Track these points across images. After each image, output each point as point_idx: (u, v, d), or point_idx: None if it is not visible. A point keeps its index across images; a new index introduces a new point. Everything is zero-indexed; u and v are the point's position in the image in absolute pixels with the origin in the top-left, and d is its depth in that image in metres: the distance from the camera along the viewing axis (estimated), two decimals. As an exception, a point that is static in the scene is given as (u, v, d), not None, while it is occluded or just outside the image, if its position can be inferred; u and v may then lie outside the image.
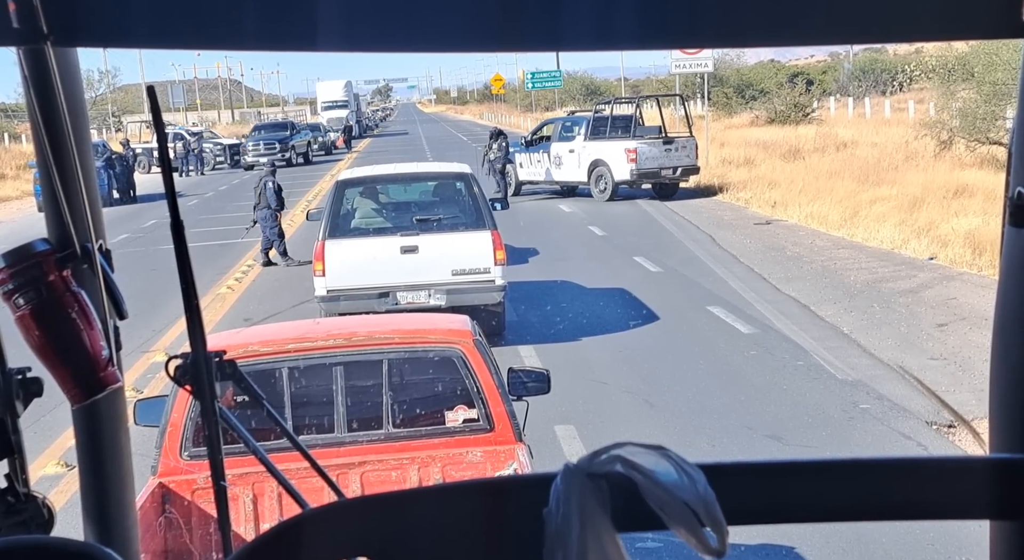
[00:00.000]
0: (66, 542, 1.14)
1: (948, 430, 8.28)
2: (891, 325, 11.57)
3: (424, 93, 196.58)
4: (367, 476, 5.31)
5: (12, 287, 1.41)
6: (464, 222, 11.56)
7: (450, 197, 12.17)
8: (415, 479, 5.32)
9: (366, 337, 5.56)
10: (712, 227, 19.69)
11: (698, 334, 11.55)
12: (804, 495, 1.13)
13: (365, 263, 11.14)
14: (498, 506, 1.11)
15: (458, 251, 11.19)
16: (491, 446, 5.31)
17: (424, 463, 5.32)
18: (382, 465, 5.32)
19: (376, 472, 5.31)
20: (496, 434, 5.28)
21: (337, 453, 5.22)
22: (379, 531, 1.08)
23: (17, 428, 1.46)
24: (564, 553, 1.04)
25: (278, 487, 5.21)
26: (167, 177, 1.38)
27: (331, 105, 66.57)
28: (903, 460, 1.16)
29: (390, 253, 11.18)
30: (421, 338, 5.59)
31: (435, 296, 11.03)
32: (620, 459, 1.05)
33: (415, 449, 5.33)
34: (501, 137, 25.93)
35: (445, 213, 11.83)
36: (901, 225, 17.50)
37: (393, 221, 11.96)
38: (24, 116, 60.88)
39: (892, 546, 6.11)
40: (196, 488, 5.08)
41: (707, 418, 8.65)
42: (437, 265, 11.07)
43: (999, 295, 1.24)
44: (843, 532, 6.14)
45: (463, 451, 5.32)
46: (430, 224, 11.58)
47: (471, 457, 5.31)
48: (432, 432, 5.40)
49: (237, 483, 5.11)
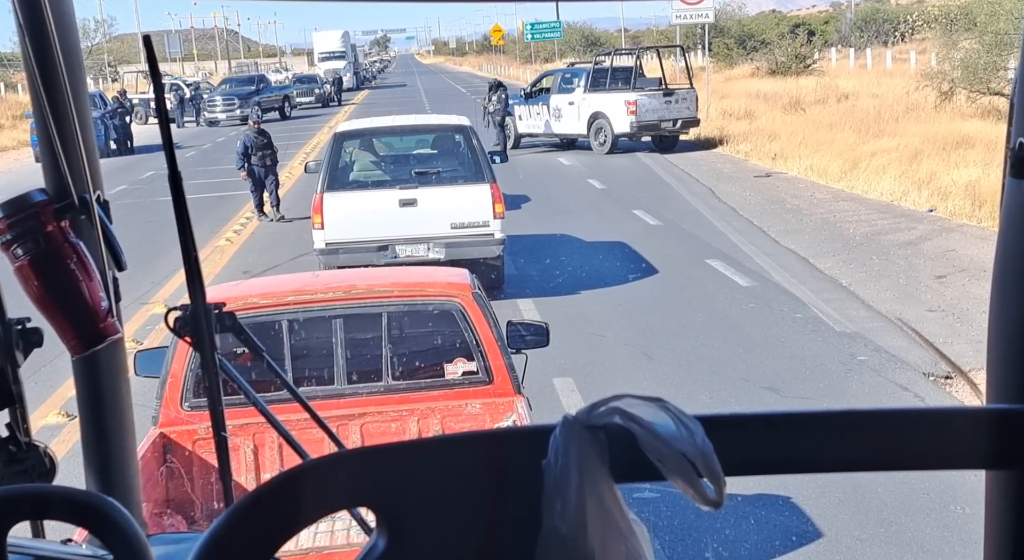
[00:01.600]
0: (68, 491, 1.15)
1: (945, 381, 8.32)
2: (890, 277, 11.58)
3: (423, 44, 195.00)
4: (367, 427, 5.31)
5: (10, 237, 1.40)
6: (463, 175, 11.48)
7: (449, 150, 12.11)
8: (414, 431, 5.31)
9: (365, 290, 5.56)
10: (712, 180, 19.63)
11: (697, 287, 11.56)
12: (801, 446, 1.13)
13: (364, 216, 11.07)
14: (497, 457, 1.11)
15: (457, 204, 11.14)
16: (490, 398, 5.30)
17: (423, 415, 5.33)
18: (382, 417, 5.31)
19: (376, 424, 5.30)
20: (495, 386, 5.29)
21: (337, 405, 5.22)
22: (379, 481, 1.09)
23: (18, 378, 1.47)
24: (563, 503, 1.04)
25: (279, 438, 5.02)
26: (164, 128, 1.38)
27: (328, 56, 65.98)
28: (900, 411, 1.16)
29: (389, 206, 11.11)
30: (420, 291, 5.57)
31: (434, 249, 11.00)
32: (618, 411, 1.05)
33: (414, 401, 5.32)
34: (500, 89, 25.74)
35: (444, 166, 11.76)
36: (901, 177, 17.45)
37: (392, 174, 11.87)
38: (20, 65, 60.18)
39: (888, 496, 6.16)
40: (197, 438, 5.09)
41: (705, 370, 8.68)
42: (436, 218, 11.01)
43: (999, 247, 1.24)
44: (839, 483, 6.20)
45: (462, 403, 5.31)
46: (429, 177, 11.51)
47: (470, 409, 5.31)
48: (431, 384, 5.39)
49: (238, 434, 5.11)
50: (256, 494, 1.06)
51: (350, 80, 64.05)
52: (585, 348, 9.40)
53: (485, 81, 36.28)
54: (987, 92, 24.02)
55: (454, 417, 5.33)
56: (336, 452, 1.19)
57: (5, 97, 53.08)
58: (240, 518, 1.05)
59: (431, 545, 1.09)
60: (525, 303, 10.87)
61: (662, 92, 24.68)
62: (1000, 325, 1.26)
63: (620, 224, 15.65)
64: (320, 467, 1.10)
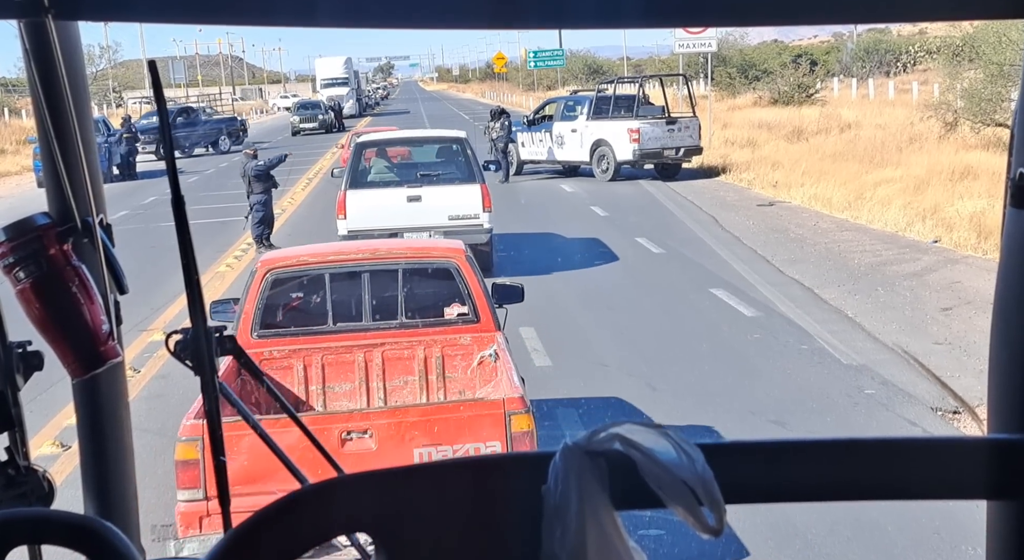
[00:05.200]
0: (66, 515, 1.14)
1: (953, 416, 8.20)
2: (896, 308, 11.48)
3: (426, 71, 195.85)
4: (386, 353, 6.95)
5: (13, 260, 1.41)
6: (459, 177, 13.87)
7: (448, 157, 14.61)
8: (421, 356, 6.93)
9: (386, 252, 7.47)
10: (715, 208, 19.58)
11: (701, 316, 11.46)
12: (803, 475, 1.13)
13: (378, 209, 13.31)
14: (497, 483, 1.11)
15: (454, 200, 13.47)
16: (477, 333, 6.86)
17: (428, 345, 6.91)
18: (397, 345, 6.94)
19: (392, 350, 6.95)
20: (481, 325, 6.87)
21: (364, 336, 6.92)
22: (377, 507, 1.09)
23: (17, 401, 1.47)
24: (562, 530, 1.04)
25: (323, 358, 6.89)
26: (168, 151, 1.39)
27: (330, 82, 66.05)
28: (902, 440, 1.16)
29: (399, 201, 13.44)
30: (426, 253, 7.47)
31: (435, 236, 12.48)
32: (619, 437, 1.05)
33: (421, 334, 6.92)
34: (504, 116, 25.73)
35: (443, 170, 14.23)
36: (906, 207, 17.37)
37: (401, 176, 14.26)
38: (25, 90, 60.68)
39: (898, 535, 6.04)
40: (263, 358, 6.68)
41: (710, 402, 8.56)
42: (437, 211, 13.29)
43: (1000, 276, 1.24)
44: (848, 520, 6.08)
45: (456, 337, 6.91)
46: (431, 178, 13.95)
47: (462, 341, 6.90)
48: (434, 322, 7.00)
49: (291, 357, 6.81)
50: (254, 519, 1.05)
51: (352, 107, 63.85)
52: (590, 379, 9.29)
53: (487, 108, 36.28)
54: (991, 123, 23.99)
55: (450, 346, 6.92)
56: (334, 477, 1.18)
57: (9, 122, 53.22)
58: (238, 544, 1.04)
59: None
60: (527, 330, 10.77)
61: (665, 120, 24.68)
62: (1001, 355, 1.25)
63: (623, 251, 15.58)
64: (318, 492, 1.10)
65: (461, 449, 5.43)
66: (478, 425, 5.48)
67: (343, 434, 5.48)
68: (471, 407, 5.72)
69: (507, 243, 15.49)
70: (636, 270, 14.10)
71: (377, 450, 5.43)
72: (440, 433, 5.49)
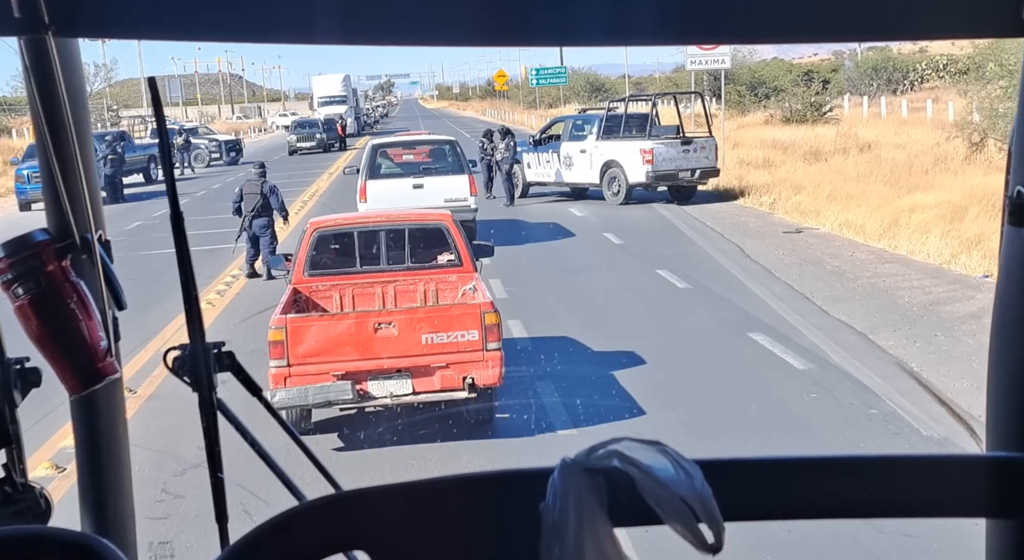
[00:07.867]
0: (63, 532, 1.16)
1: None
2: (961, 360, 10.07)
3: (426, 89, 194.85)
4: (397, 287, 9.57)
5: (11, 277, 1.43)
6: (451, 169, 18.09)
7: (443, 155, 18.71)
8: (422, 290, 9.54)
9: (397, 217, 10.38)
10: (738, 235, 18.22)
11: (743, 368, 10.04)
12: (801, 492, 1.15)
13: (389, 194, 16.93)
14: (495, 500, 1.12)
15: (448, 187, 17.43)
16: (461, 273, 9.53)
17: (426, 282, 9.58)
18: (405, 283, 9.57)
19: (401, 285, 9.57)
20: (463, 268, 9.56)
21: (381, 275, 9.60)
22: (375, 524, 1.10)
23: (15, 418, 1.51)
24: (561, 547, 1.06)
25: (353, 290, 9.55)
26: (167, 168, 1.42)
27: (328, 100, 64.65)
28: (900, 458, 1.16)
29: (405, 188, 17.36)
30: (425, 217, 10.34)
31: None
32: (617, 454, 1.07)
33: (421, 274, 9.64)
34: (509, 136, 24.36)
35: (440, 164, 18.40)
36: (947, 236, 16.00)
37: (407, 169, 18.46)
38: (14, 110, 59.74)
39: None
40: (312, 290, 9.43)
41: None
42: (435, 196, 16.83)
43: (997, 295, 1.29)
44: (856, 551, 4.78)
45: (445, 276, 9.60)
46: (430, 170, 18.17)
47: (450, 279, 9.56)
48: (430, 266, 9.77)
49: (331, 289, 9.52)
50: (252, 536, 1.08)
51: (351, 125, 62.47)
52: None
53: (487, 125, 34.82)
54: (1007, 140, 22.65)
55: (442, 283, 9.58)
56: (332, 494, 1.18)
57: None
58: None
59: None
60: (544, 384, 9.38)
61: (680, 140, 23.38)
62: (1000, 373, 1.31)
63: (643, 285, 14.23)
64: (316, 509, 1.11)
65: (453, 335, 7.97)
66: (463, 321, 8.06)
67: (375, 325, 8.09)
68: (459, 308, 8.50)
69: (521, 283, 14.09)
70: (662, 310, 12.72)
71: (398, 335, 8.00)
72: (438, 325, 8.04)
